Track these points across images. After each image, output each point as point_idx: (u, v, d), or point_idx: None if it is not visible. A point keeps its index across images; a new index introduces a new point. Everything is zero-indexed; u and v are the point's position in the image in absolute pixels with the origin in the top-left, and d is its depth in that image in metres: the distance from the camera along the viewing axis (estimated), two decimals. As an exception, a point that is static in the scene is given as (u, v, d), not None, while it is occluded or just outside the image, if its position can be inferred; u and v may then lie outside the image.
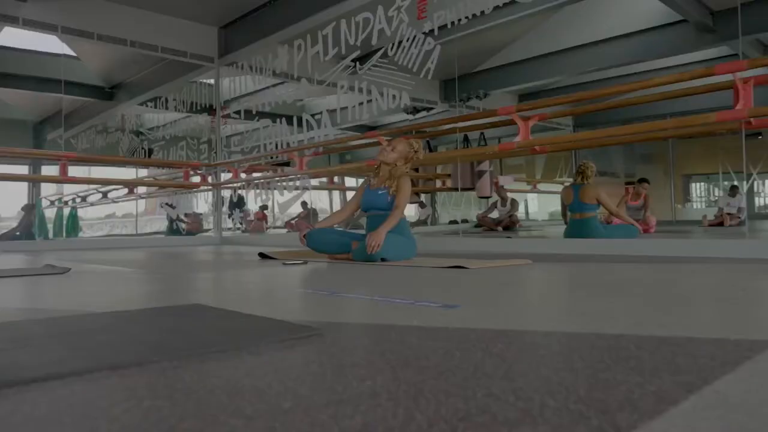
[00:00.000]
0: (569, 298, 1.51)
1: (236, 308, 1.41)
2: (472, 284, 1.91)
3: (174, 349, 0.91)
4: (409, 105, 7.89)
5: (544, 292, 1.73)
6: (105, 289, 2.00)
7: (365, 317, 1.25)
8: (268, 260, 3.46)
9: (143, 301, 1.61)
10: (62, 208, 9.37)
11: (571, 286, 1.82)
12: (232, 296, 1.73)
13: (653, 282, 1.92)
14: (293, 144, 6.18)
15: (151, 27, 6.86)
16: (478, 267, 2.55)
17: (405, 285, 1.93)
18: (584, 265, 2.70)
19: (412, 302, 1.44)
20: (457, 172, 7.97)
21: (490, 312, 1.28)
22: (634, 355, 0.83)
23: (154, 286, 2.07)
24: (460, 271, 2.43)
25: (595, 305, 1.36)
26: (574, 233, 4.75)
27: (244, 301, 1.59)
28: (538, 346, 0.92)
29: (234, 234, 7.87)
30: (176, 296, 1.72)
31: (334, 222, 3.48)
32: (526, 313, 1.28)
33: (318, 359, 0.85)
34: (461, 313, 1.26)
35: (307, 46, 5.84)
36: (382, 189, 3.29)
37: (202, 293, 1.83)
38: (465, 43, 6.39)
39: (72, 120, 9.60)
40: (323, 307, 1.44)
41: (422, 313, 1.26)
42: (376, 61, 5.26)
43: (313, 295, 1.70)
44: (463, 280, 2.07)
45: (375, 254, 2.96)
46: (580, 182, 4.82)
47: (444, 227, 9.88)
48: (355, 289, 1.83)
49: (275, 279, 2.32)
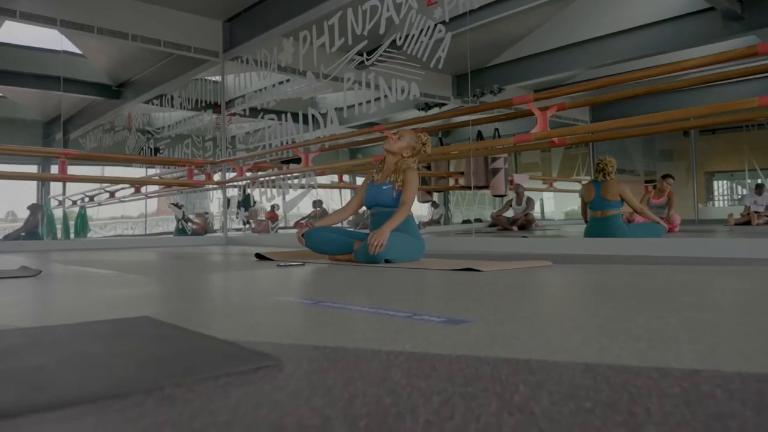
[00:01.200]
0: (604, 310, 1.22)
1: (193, 322, 1.14)
2: (485, 291, 1.62)
3: (58, 388, 0.64)
4: (419, 99, 7.62)
5: (572, 302, 1.43)
6: (63, 296, 1.74)
7: (346, 337, 0.97)
8: (265, 261, 3.19)
9: (93, 312, 1.35)
10: (69, 208, 9.23)
11: (602, 294, 1.52)
12: (199, 305, 1.46)
13: (699, 288, 1.62)
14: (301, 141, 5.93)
15: (154, 20, 6.64)
16: (492, 269, 2.26)
17: (406, 291, 1.65)
18: (610, 267, 2.40)
19: (410, 315, 1.16)
20: (470, 170, 7.67)
21: (507, 330, 0.99)
22: (730, 410, 0.55)
23: (119, 290, 1.81)
24: (471, 274, 2.14)
25: (642, 320, 1.07)
26: (595, 232, 4.43)
27: (208, 313, 1.32)
28: (579, 388, 0.64)
29: (245, 234, 7.64)
30: (133, 305, 1.45)
31: (335, 221, 3.20)
32: (553, 333, 0.99)
33: (252, 413, 0.58)
34: (470, 332, 0.98)
35: (313, 38, 5.58)
36: (386, 184, 3.01)
37: (166, 301, 1.57)
38: (478, 35, 6.11)
39: (80, 119, 9.47)
40: (298, 323, 1.17)
41: (420, 332, 0.98)
42: (383, 52, 4.98)
43: (293, 305, 1.42)
44: (475, 285, 1.78)
45: (378, 255, 2.68)
46: (601, 179, 4.51)
47: (457, 227, 9.59)
48: (346, 297, 1.55)
49: (260, 284, 2.05)
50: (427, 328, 1.02)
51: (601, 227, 4.42)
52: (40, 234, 8.24)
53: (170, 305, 1.47)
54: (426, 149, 3.10)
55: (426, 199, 9.39)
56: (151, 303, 1.52)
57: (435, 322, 1.07)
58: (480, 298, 1.46)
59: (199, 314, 1.28)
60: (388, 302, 1.39)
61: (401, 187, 2.96)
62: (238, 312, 1.31)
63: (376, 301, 1.41)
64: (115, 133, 8.96)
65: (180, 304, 1.47)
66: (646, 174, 10.72)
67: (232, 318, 1.22)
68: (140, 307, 1.40)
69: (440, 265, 2.55)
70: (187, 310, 1.35)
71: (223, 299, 1.61)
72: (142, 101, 8.70)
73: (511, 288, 1.69)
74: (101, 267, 2.98)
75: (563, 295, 1.59)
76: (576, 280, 1.98)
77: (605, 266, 2.48)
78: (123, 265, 3.26)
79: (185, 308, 1.39)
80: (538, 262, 2.53)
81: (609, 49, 7.17)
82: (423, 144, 3.10)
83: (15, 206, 8.60)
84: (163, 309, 1.37)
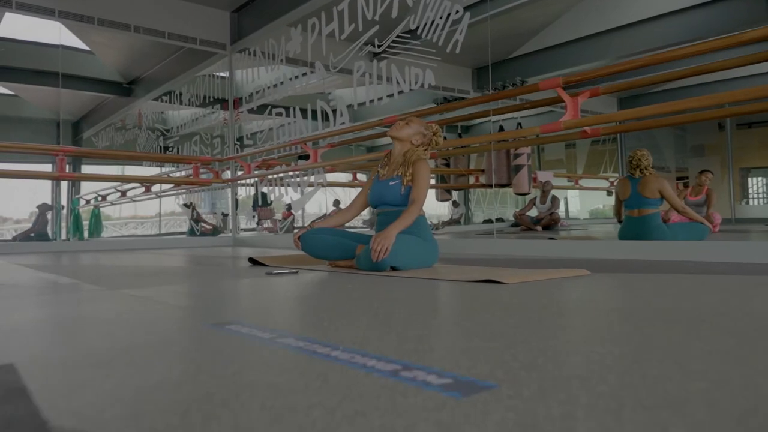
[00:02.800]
0: (695, 363, 0.81)
1: (50, 382, 0.76)
2: (511, 317, 1.22)
3: None
4: (438, 94, 7.20)
5: (642, 340, 1.01)
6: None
7: (254, 425, 0.57)
8: (257, 267, 2.82)
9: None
10: (83, 207, 9.02)
11: (673, 324, 1.11)
12: (98, 345, 1.08)
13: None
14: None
15: (158, 11, 6.33)
16: (518, 281, 1.85)
17: (404, 319, 1.25)
18: (660, 279, 1.97)
19: (397, 370, 0.76)
20: (491, 167, 7.24)
21: (553, 407, 0.59)
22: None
23: (40, 311, 1.44)
24: (492, 288, 1.73)
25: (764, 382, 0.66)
26: (631, 233, 3.98)
27: (96, 361, 0.94)
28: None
29: (257, 234, 7.31)
30: (18, 340, 1.08)
31: (337, 223, 2.80)
32: (634, 410, 0.58)
33: None
34: (490, 412, 0.58)
35: (322, 25, 5.20)
36: (394, 179, 2.61)
37: (69, 335, 1.19)
38: (499, 24, 5.67)
39: (93, 117, 9.27)
40: (197, 390, 0.77)
41: (406, 415, 0.59)
42: (396, 37, 4.58)
43: (227, 340, 1.03)
44: (497, 306, 1.38)
45: (382, 262, 2.28)
46: (638, 174, 4.05)
47: (478, 227, 9.16)
48: (316, 328, 1.15)
49: (221, 300, 1.66)
50: (419, 402, 0.62)
51: (638, 228, 3.97)
52: (51, 234, 8.02)
53: (67, 343, 1.09)
54: (438, 138, 2.70)
55: (445, 198, 8.96)
56: (43, 338, 1.14)
57: (433, 389, 0.66)
58: (504, 331, 1.05)
59: (79, 365, 0.90)
60: (372, 339, 0.99)
61: (411, 182, 2.55)
62: (130, 354, 0.93)
63: (356, 337, 1.01)
64: (126, 131, 8.74)
65: (78, 342, 1.09)
66: (678, 170, 10.18)
67: (109, 373, 0.83)
68: (24, 343, 1.03)
69: (455, 274, 2.15)
70: (71, 357, 0.97)
71: (139, 328, 1.23)
72: (152, 98, 8.46)
73: (545, 312, 1.28)
74: (71, 275, 2.63)
75: (623, 325, 1.17)
76: (628, 299, 1.56)
77: (654, 277, 2.05)
78: (99, 271, 2.92)
79: (74, 352, 1.01)
80: (574, 271, 2.11)
81: (641, 36, 6.66)
82: (434, 133, 2.69)
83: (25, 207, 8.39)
84: (48, 350, 1.00)
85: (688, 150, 10.35)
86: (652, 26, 6.49)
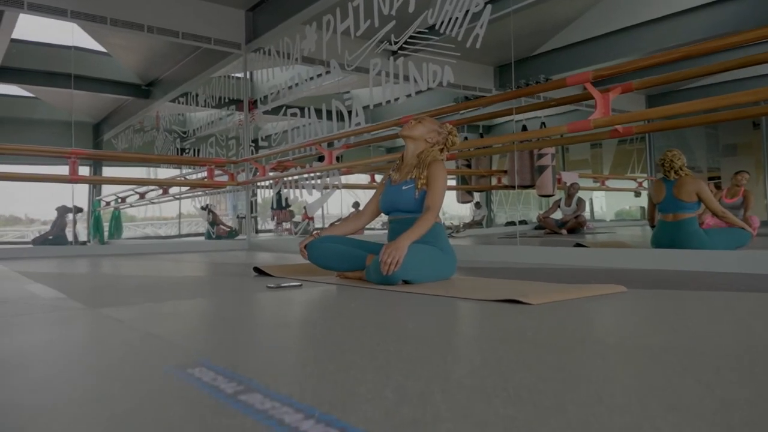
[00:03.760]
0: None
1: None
2: (538, 356, 1.00)
3: None
4: (459, 93, 6.95)
5: (718, 402, 0.78)
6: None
7: None
8: (262, 277, 2.63)
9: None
10: (105, 209, 8.99)
11: (751, 371, 0.87)
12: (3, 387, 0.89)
13: None
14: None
15: (171, 10, 6.21)
16: (545, 301, 1.62)
17: (405, 359, 1.03)
18: (712, 297, 1.71)
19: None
20: (514, 168, 6.98)
21: None
22: None
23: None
24: (516, 310, 1.50)
25: None
26: (665, 239, 3.69)
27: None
28: None
29: (278, 237, 7.14)
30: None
31: (346, 231, 2.58)
32: None
33: None
34: None
35: (337, 22, 5.01)
36: (407, 183, 2.39)
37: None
38: (522, 19, 5.41)
39: (114, 119, 9.23)
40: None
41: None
42: (413, 33, 4.36)
43: (176, 394, 0.82)
44: (521, 333, 1.16)
45: (393, 276, 2.07)
46: (673, 176, 3.76)
47: (500, 229, 8.89)
48: (290, 376, 0.94)
49: (195, 328, 1.47)
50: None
51: (673, 233, 3.68)
52: (70, 237, 7.96)
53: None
54: (454, 138, 2.47)
55: (466, 200, 8.72)
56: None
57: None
58: (531, 386, 0.83)
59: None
60: (360, 400, 0.77)
61: (425, 186, 2.33)
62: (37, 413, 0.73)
63: (340, 396, 0.80)
64: (144, 133, 8.68)
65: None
66: (709, 170, 9.77)
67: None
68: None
69: (474, 290, 1.92)
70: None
71: (82, 375, 1.04)
72: (169, 100, 8.38)
73: (580, 352, 1.05)
74: (63, 288, 2.47)
75: (683, 375, 0.94)
76: (680, 332, 1.32)
77: (701, 295, 1.80)
78: (97, 282, 2.75)
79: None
80: (608, 288, 1.87)
81: (675, 29, 6.32)
82: (449, 132, 2.47)
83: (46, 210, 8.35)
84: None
85: (721, 149, 9.93)
86: (686, 18, 6.15)
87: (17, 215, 8.61)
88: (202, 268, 3.56)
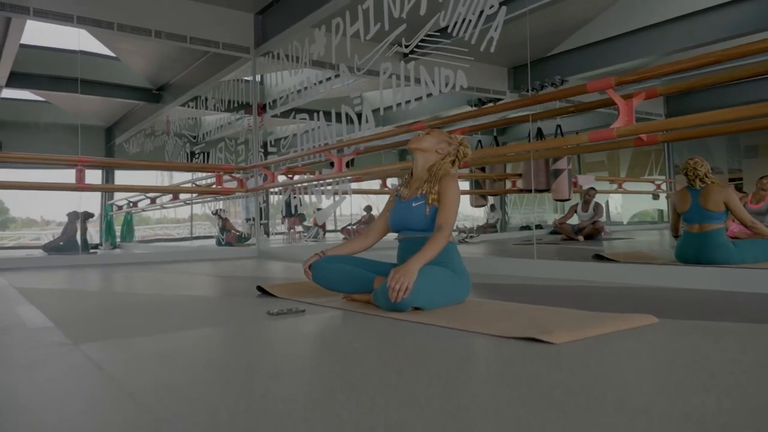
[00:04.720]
0: None
1: None
2: (565, 420, 0.84)
3: None
4: (472, 95, 6.77)
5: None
6: None
7: None
8: (265, 298, 2.50)
9: None
10: (117, 213, 8.95)
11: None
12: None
13: None
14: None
15: (179, 15, 6.11)
16: (569, 339, 1.46)
17: (407, 418, 0.88)
18: (757, 333, 1.55)
19: None
20: (530, 171, 6.80)
21: None
22: None
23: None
24: (534, 349, 1.35)
25: None
26: (690, 252, 3.50)
27: None
28: None
29: (288, 245, 7.02)
30: None
31: (353, 250, 2.42)
32: None
33: None
34: None
35: (346, 26, 4.88)
36: (417, 199, 2.24)
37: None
38: (538, 19, 5.23)
39: (125, 124, 9.19)
40: None
41: None
42: (424, 36, 4.21)
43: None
44: (542, 392, 1.00)
45: (402, 303, 1.92)
46: (699, 185, 3.57)
47: (515, 234, 8.69)
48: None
49: (161, 388, 1.33)
50: None
51: (699, 245, 3.49)
52: (80, 244, 7.91)
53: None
54: (465, 149, 2.31)
55: (479, 204, 8.54)
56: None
57: None
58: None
59: None
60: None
61: (437, 201, 2.18)
62: None
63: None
64: (155, 137, 8.63)
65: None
66: (730, 172, 9.49)
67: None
68: None
69: (490, 323, 1.76)
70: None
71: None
72: (179, 104, 8.30)
73: (610, 409, 0.90)
74: (52, 311, 2.36)
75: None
76: (729, 380, 1.16)
77: (750, 329, 1.63)
78: (95, 301, 2.64)
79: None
80: (637, 320, 1.70)
81: (694, 29, 6.10)
82: (460, 143, 2.31)
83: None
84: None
85: (742, 151, 9.64)
86: (709, 17, 5.92)
87: (33, 217, 8.59)
88: (207, 285, 3.44)
